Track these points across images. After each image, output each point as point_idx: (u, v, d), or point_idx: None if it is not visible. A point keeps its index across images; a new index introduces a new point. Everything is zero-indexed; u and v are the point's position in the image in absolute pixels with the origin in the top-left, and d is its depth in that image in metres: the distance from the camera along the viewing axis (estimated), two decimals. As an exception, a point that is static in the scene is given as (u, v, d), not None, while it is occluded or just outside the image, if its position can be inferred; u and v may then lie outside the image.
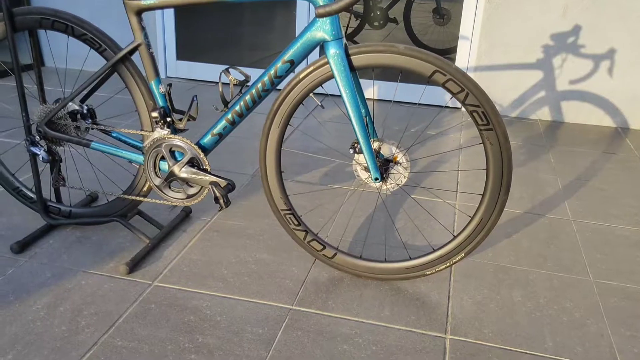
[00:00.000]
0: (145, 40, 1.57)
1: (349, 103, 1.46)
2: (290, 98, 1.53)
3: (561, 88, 3.14)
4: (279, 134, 1.57)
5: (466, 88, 1.41)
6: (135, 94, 1.64)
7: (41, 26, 1.62)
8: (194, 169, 1.62)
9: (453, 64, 1.41)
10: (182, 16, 3.69)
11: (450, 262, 1.58)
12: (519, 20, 3.06)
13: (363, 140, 1.49)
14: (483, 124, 1.43)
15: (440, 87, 1.42)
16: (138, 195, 1.75)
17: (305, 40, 1.45)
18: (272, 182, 1.63)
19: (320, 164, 2.47)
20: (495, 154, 1.45)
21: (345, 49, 1.44)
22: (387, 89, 3.46)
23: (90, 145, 1.68)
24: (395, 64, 1.42)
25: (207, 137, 1.62)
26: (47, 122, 1.69)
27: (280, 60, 1.48)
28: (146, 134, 1.65)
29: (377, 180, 1.54)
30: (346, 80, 1.45)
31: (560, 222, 2.06)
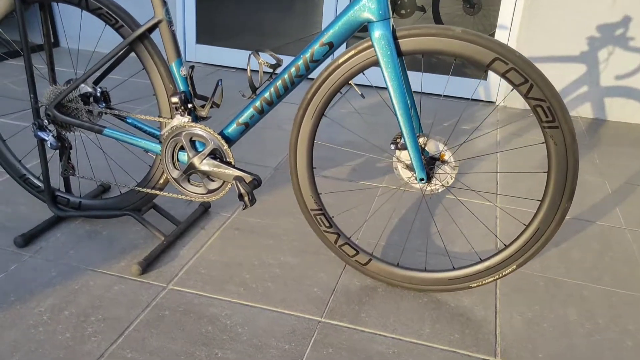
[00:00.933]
0: (166, 17, 1.40)
1: (395, 93, 1.29)
2: (326, 85, 1.36)
3: (606, 84, 2.93)
4: (312, 126, 1.41)
5: (530, 79, 1.23)
6: (153, 77, 1.48)
7: (52, -2, 1.47)
8: (216, 161, 1.46)
9: (517, 51, 1.23)
10: (202, 15, 3.53)
11: (499, 274, 1.41)
12: (563, 9, 2.85)
13: (409, 135, 1.32)
14: (547, 121, 1.25)
15: (500, 77, 1.24)
16: (154, 188, 1.59)
17: (347, 20, 1.27)
18: (303, 179, 1.46)
19: (349, 158, 2.30)
20: (560, 156, 1.27)
21: (392, 31, 1.26)
22: (412, 79, 3.27)
23: (102, 132, 1.53)
24: (449, 49, 1.25)
25: (232, 126, 1.46)
26: (57, 105, 1.54)
27: (318, 42, 1.31)
28: (165, 121, 1.49)
29: (422, 180, 1.37)
30: (392, 67, 1.27)
31: (613, 230, 1.87)
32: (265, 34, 4.31)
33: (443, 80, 3.21)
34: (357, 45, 1.31)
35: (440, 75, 3.23)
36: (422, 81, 3.26)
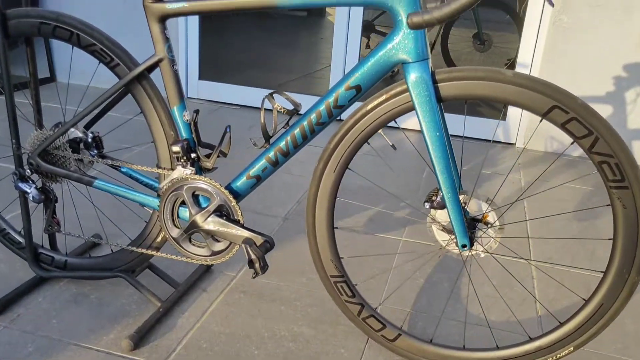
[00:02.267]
0: (168, 55, 1.23)
1: (434, 145, 1.11)
2: (352, 135, 1.17)
3: (633, 126, 2.76)
4: (334, 181, 1.22)
5: (595, 131, 1.04)
6: (152, 122, 1.29)
7: (40, 33, 1.29)
8: (222, 219, 1.26)
9: (579, 98, 1.05)
10: (206, 33, 3.39)
11: (553, 356, 1.20)
12: (588, 47, 2.70)
13: (449, 194, 1.13)
14: (615, 180, 1.06)
15: (559, 128, 1.06)
16: (149, 248, 1.39)
17: (378, 61, 1.10)
18: (322, 242, 1.26)
19: (364, 206, 2.11)
20: (629, 220, 1.08)
21: (431, 73, 1.08)
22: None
23: (93, 184, 1.33)
24: (499, 95, 1.07)
25: (241, 179, 1.27)
26: (41, 153, 1.35)
27: (343, 86, 1.13)
28: (164, 173, 1.30)
29: (465, 247, 1.17)
30: (431, 115, 1.09)
31: (665, 294, 1.67)
32: (270, 69, 4.18)
33: (457, 120, 3.05)
34: (390, 89, 1.13)
35: (453, 114, 3.06)
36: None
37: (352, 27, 3.09)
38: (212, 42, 3.45)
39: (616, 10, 2.62)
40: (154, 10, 1.19)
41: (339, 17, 3.10)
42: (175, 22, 3.28)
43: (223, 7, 1.15)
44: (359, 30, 3.08)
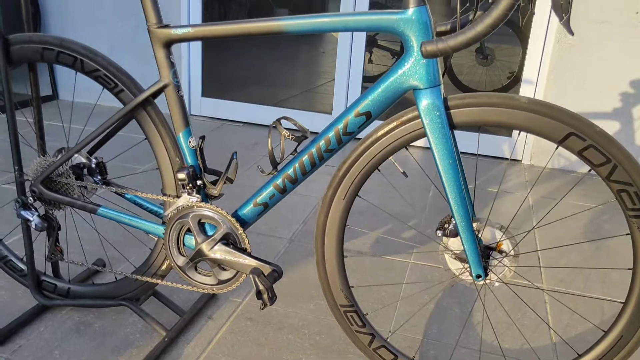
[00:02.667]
0: (174, 81, 1.20)
1: (446, 172, 1.08)
2: (362, 162, 1.14)
3: (641, 142, 2.74)
4: (344, 208, 1.19)
5: (614, 158, 1.01)
6: (157, 148, 1.26)
7: (43, 58, 1.27)
8: (229, 247, 1.23)
9: (596, 126, 1.02)
10: (209, 51, 3.38)
11: (571, 389, 1.16)
12: (594, 64, 2.68)
13: (463, 223, 1.10)
14: (634, 209, 1.03)
15: (576, 155, 1.04)
16: (154, 276, 1.36)
17: (389, 87, 1.07)
18: (331, 270, 1.23)
19: (372, 226, 2.07)
20: (649, 250, 1.05)
21: (443, 99, 1.06)
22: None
23: (97, 211, 1.31)
24: (514, 122, 1.04)
25: (248, 206, 1.24)
26: (44, 180, 1.32)
27: (353, 112, 1.11)
28: (169, 200, 1.27)
29: (480, 278, 1.14)
30: (444, 142, 1.06)
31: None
32: (272, 85, 4.16)
33: (466, 136, 3.02)
34: (401, 116, 1.10)
35: (462, 130, 3.04)
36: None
37: (355, 41, 3.07)
38: (215, 58, 3.44)
39: (622, 26, 2.60)
40: (159, 35, 1.17)
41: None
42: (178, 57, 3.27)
43: (229, 32, 1.13)
44: (362, 44, 3.07)
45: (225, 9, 4.03)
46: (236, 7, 3.92)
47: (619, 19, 2.60)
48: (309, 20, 1.08)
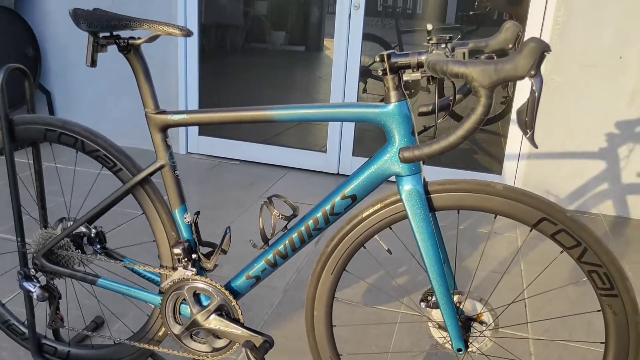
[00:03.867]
0: (170, 162, 1.27)
1: (426, 251, 1.14)
2: (348, 240, 1.21)
3: (627, 181, 2.81)
4: (332, 282, 1.25)
5: (584, 242, 1.08)
6: (154, 223, 1.33)
7: (46, 139, 1.33)
8: (223, 318, 1.29)
9: (567, 210, 1.09)
10: (206, 88, 3.45)
11: None
12: (581, 105, 2.76)
13: (443, 298, 1.16)
14: (604, 288, 1.09)
15: (549, 238, 1.10)
16: (151, 342, 1.41)
17: (373, 173, 1.14)
18: (321, 340, 1.29)
19: (365, 274, 2.13)
20: (620, 328, 1.10)
21: (424, 185, 1.12)
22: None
23: (96, 282, 1.36)
24: (490, 207, 1.10)
25: (241, 279, 1.30)
26: (46, 253, 1.38)
27: (339, 195, 1.17)
28: (165, 273, 1.33)
29: (460, 351, 1.19)
30: (424, 224, 1.13)
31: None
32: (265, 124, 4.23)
33: (457, 174, 3.09)
34: (384, 199, 1.17)
35: (454, 169, 3.11)
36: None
37: (349, 74, 3.14)
38: (211, 96, 3.51)
39: (606, 69, 2.68)
40: (156, 120, 1.24)
41: (336, 60, 3.17)
42: (175, 80, 3.35)
43: (221, 119, 1.20)
44: (356, 77, 3.14)
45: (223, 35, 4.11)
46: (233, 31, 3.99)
47: (603, 62, 2.68)
48: (296, 111, 1.15)
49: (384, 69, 1.06)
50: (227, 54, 3.57)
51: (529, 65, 0.83)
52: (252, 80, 3.59)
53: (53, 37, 3.49)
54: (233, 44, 3.65)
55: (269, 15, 3.57)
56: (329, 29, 3.24)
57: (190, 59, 3.34)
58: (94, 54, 1.23)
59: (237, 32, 3.83)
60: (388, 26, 3.35)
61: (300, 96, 3.76)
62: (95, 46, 1.23)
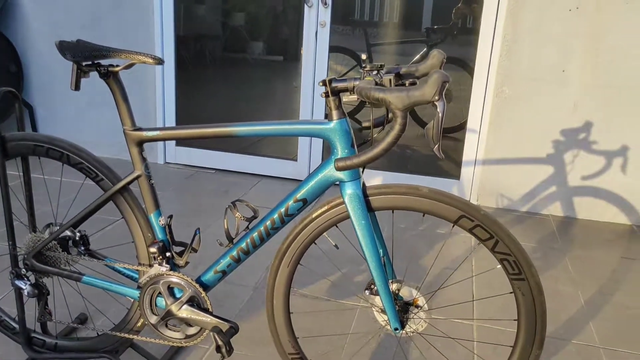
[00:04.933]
0: (145, 172, 1.45)
1: (366, 246, 1.34)
2: (301, 238, 1.40)
3: (573, 184, 3.05)
4: (288, 274, 1.44)
5: (496, 235, 1.29)
6: (132, 226, 1.51)
7: (35, 153, 1.51)
8: (194, 308, 1.48)
9: (481, 209, 1.30)
10: (182, 98, 3.63)
11: (477, 419, 1.42)
12: (529, 114, 3.00)
13: (381, 285, 1.36)
14: (514, 274, 1.30)
15: (467, 232, 1.31)
16: (131, 332, 1.59)
17: (320, 180, 1.34)
18: (280, 324, 1.48)
19: (327, 272, 2.33)
20: (528, 306, 1.31)
21: (363, 189, 1.33)
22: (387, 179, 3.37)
23: (81, 279, 1.54)
24: (418, 207, 1.31)
25: (209, 274, 1.49)
26: (35, 254, 1.55)
27: (292, 199, 1.37)
28: (143, 269, 1.51)
29: (397, 330, 1.39)
30: (363, 223, 1.33)
31: (589, 350, 1.90)
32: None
33: (418, 180, 3.31)
34: (330, 201, 1.37)
35: (416, 175, 3.32)
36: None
37: (317, 85, 3.36)
38: (188, 108, 3.69)
39: (550, 83, 2.93)
40: (133, 137, 1.43)
41: (305, 74, 3.37)
42: (153, 91, 3.53)
43: (189, 135, 1.39)
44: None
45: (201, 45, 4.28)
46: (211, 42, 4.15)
47: (547, 76, 2.92)
48: (256, 127, 1.34)
49: (326, 92, 1.26)
50: (205, 64, 3.75)
51: (433, 92, 1.04)
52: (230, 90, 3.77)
53: (35, 54, 3.64)
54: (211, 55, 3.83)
55: (247, 26, 3.75)
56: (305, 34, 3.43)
57: (167, 75, 3.52)
58: (77, 80, 1.42)
59: (215, 42, 4.00)
60: (359, 36, 3.55)
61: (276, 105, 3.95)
62: (79, 73, 1.41)
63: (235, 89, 3.80)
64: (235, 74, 3.76)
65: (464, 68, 3.74)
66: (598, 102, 2.90)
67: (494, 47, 3.00)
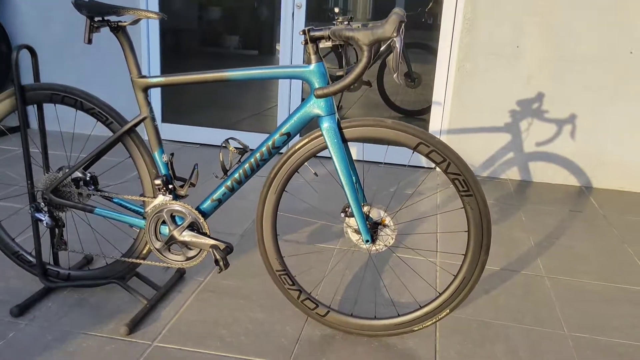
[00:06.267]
0: (150, 114, 1.69)
1: (342, 171, 1.60)
2: (286, 167, 1.65)
3: (528, 150, 3.36)
4: (276, 200, 1.69)
5: (448, 158, 1.56)
6: (139, 163, 1.74)
7: (51, 100, 1.73)
8: (194, 232, 1.71)
9: (436, 137, 1.56)
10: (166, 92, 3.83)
11: (436, 318, 1.69)
12: (488, 87, 3.30)
13: (354, 205, 1.62)
14: (464, 191, 1.57)
15: (425, 157, 1.57)
16: (137, 258, 1.82)
17: (301, 115, 1.59)
18: (268, 244, 1.73)
19: (307, 224, 2.58)
20: (476, 218, 1.59)
21: (337, 122, 1.58)
22: (367, 150, 3.63)
23: (94, 211, 1.76)
24: (384, 136, 1.57)
25: (207, 202, 1.72)
26: (53, 190, 1.77)
27: (278, 133, 1.62)
28: (148, 200, 1.74)
29: (368, 242, 1.65)
30: (339, 151, 1.58)
31: (535, 278, 2.19)
32: (224, 109, 4.64)
33: (391, 149, 3.58)
34: (311, 134, 1.62)
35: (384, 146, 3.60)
36: (364, 151, 3.63)
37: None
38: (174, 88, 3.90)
39: (507, 57, 3.23)
40: (139, 83, 1.66)
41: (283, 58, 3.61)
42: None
43: (190, 80, 1.62)
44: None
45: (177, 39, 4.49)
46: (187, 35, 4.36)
47: (504, 51, 3.23)
48: (245, 72, 1.59)
49: (305, 40, 1.52)
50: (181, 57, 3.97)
51: (392, 29, 1.30)
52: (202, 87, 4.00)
53: (24, 36, 3.81)
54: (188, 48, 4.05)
55: (223, 20, 3.97)
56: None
57: (153, 61, 3.72)
58: (90, 34, 1.64)
59: (191, 36, 4.22)
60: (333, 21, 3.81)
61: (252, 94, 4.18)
62: (92, 28, 1.64)
63: (214, 85, 4.03)
64: (212, 67, 3.98)
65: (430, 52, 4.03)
66: (549, 74, 3.22)
67: (455, 25, 3.29)
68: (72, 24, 3.73)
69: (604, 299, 2.07)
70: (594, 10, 3.08)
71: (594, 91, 3.20)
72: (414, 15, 3.62)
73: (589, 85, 3.20)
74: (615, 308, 2.01)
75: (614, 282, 2.20)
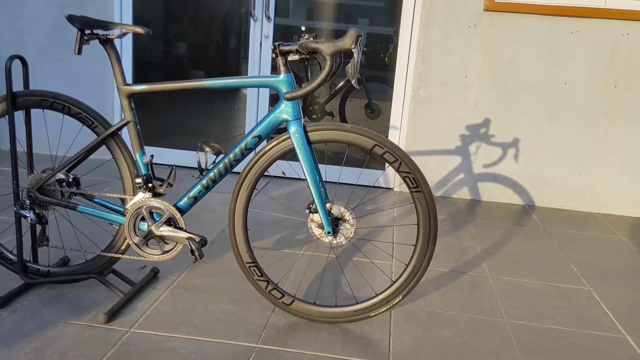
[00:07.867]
0: (133, 119, 1.86)
1: (307, 170, 1.80)
2: (257, 167, 1.84)
3: (477, 171, 3.64)
4: (247, 197, 1.87)
5: (400, 158, 1.78)
6: (120, 164, 1.90)
7: (40, 106, 1.89)
8: (171, 227, 1.87)
9: (389, 140, 1.79)
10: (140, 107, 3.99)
11: (390, 304, 1.88)
12: (440, 113, 3.58)
13: (318, 201, 1.81)
14: (413, 187, 1.79)
15: (379, 159, 1.79)
16: (117, 253, 1.96)
17: (271, 120, 1.79)
18: (240, 238, 1.90)
19: (275, 232, 2.75)
20: (424, 211, 1.80)
21: (303, 126, 1.79)
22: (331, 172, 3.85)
23: (77, 208, 1.90)
24: (343, 139, 1.78)
25: (184, 199, 1.89)
26: (38, 189, 1.91)
27: (250, 135, 1.81)
28: (128, 198, 1.89)
29: (330, 233, 1.85)
30: (305, 152, 1.78)
31: (480, 277, 2.42)
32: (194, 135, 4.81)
33: (351, 171, 3.81)
34: (279, 137, 1.82)
35: (350, 167, 3.82)
36: (341, 173, 3.85)
37: (261, 99, 3.82)
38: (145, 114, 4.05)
39: (457, 86, 3.54)
40: (124, 90, 1.84)
41: (250, 92, 3.83)
42: (117, 102, 3.88)
43: (171, 88, 1.81)
44: (267, 102, 3.82)
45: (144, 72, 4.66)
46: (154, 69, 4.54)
47: (454, 81, 3.53)
48: (220, 81, 1.79)
49: (275, 53, 1.73)
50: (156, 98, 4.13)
51: (351, 41, 1.53)
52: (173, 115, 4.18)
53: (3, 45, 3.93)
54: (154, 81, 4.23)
55: (189, 55, 4.17)
56: (247, 66, 3.91)
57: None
58: (80, 46, 1.82)
59: (158, 70, 4.40)
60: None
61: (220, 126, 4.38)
62: (82, 40, 1.82)
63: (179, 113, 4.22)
64: (179, 100, 4.18)
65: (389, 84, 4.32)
66: (494, 102, 3.53)
67: (410, 56, 3.59)
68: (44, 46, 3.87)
69: (540, 294, 2.30)
70: (533, 46, 3.43)
71: (534, 117, 3.53)
72: (372, 51, 3.92)
73: (528, 112, 3.52)
74: (549, 301, 2.25)
75: (550, 282, 2.44)
